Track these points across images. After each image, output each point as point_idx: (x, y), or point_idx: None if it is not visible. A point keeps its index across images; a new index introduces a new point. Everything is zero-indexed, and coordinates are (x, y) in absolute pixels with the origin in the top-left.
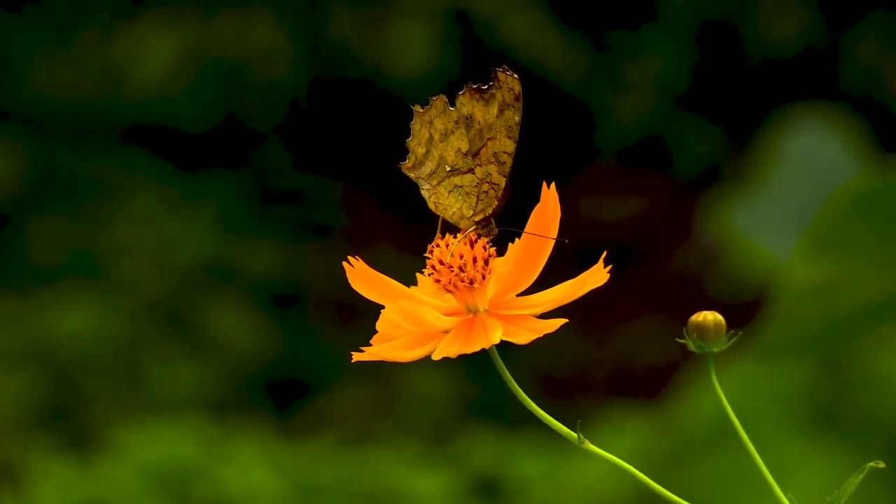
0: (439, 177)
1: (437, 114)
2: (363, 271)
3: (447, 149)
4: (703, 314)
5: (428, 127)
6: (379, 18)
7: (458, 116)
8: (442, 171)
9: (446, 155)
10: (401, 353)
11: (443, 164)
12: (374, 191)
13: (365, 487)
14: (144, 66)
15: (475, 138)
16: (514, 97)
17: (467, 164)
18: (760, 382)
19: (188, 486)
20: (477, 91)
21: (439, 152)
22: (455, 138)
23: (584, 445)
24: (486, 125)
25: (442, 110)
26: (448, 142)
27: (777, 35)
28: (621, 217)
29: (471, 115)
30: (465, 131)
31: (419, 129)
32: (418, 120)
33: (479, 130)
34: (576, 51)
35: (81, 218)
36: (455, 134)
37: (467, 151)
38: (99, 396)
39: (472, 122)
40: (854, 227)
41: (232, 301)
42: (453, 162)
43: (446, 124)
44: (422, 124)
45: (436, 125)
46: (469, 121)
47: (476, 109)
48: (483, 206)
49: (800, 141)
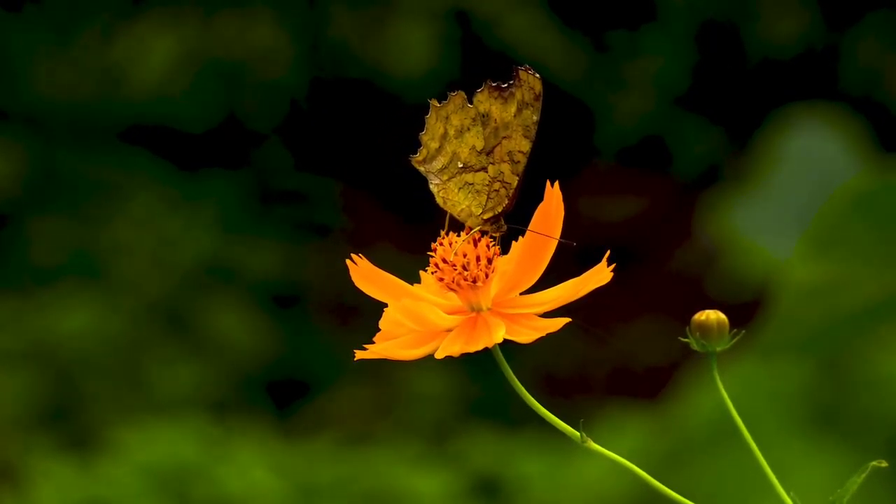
0: (450, 173)
1: (455, 109)
2: (366, 269)
3: (461, 145)
4: (706, 313)
5: (444, 122)
6: (379, 18)
7: (476, 114)
8: (454, 167)
9: (460, 151)
10: (404, 351)
11: (455, 160)
12: (374, 191)
13: (365, 487)
14: (144, 66)
15: (490, 136)
16: (534, 96)
17: (480, 161)
18: (761, 382)
19: (188, 486)
20: (496, 89)
21: (453, 148)
22: (471, 135)
23: (587, 444)
24: (502, 123)
25: (460, 106)
26: (463, 138)
27: (777, 35)
28: (621, 217)
29: (488, 112)
30: (482, 129)
31: (434, 124)
32: (434, 114)
33: (494, 129)
34: (576, 51)
35: (81, 218)
36: (471, 131)
37: (482, 149)
38: (99, 396)
39: (489, 119)
40: (854, 227)
41: (232, 301)
42: (466, 159)
43: (463, 121)
44: (437, 119)
45: (452, 121)
46: (486, 118)
47: (493, 107)
48: (493, 205)
49: (800, 141)
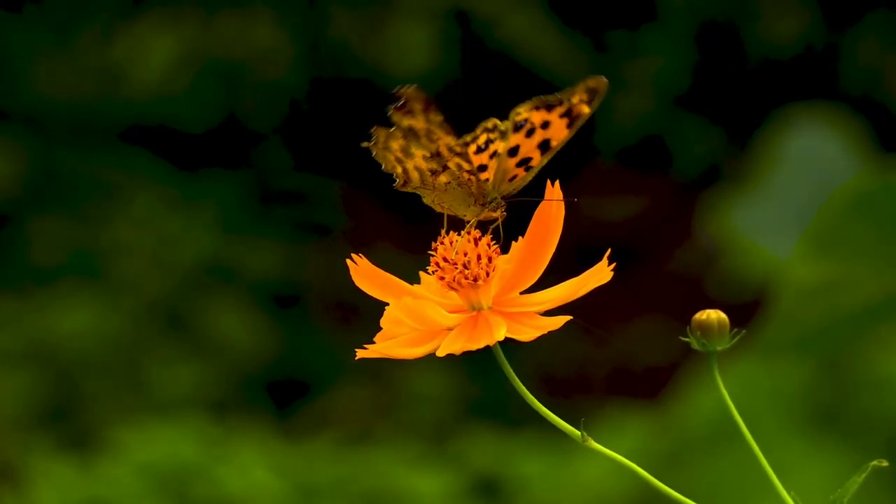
0: (429, 183)
1: (386, 138)
2: (367, 268)
3: (416, 160)
4: (707, 312)
5: (387, 151)
6: (379, 18)
7: (402, 131)
8: (427, 177)
9: (419, 164)
10: (404, 350)
11: (423, 172)
12: (374, 191)
13: (365, 487)
14: (144, 66)
15: (426, 142)
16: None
17: (439, 162)
18: (761, 382)
19: (188, 486)
20: (396, 109)
21: (413, 165)
22: (414, 149)
23: (587, 443)
24: (423, 131)
25: (387, 134)
26: (411, 154)
27: (777, 35)
28: (621, 217)
29: (410, 126)
30: (416, 140)
31: (382, 156)
32: (376, 151)
33: (425, 134)
34: (576, 51)
35: (81, 218)
36: (412, 145)
37: (430, 154)
38: (99, 396)
39: (414, 131)
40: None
41: (232, 301)
42: (427, 167)
43: (398, 141)
44: (381, 151)
45: (391, 147)
46: (411, 131)
47: (405, 121)
48: (477, 190)
49: (800, 141)
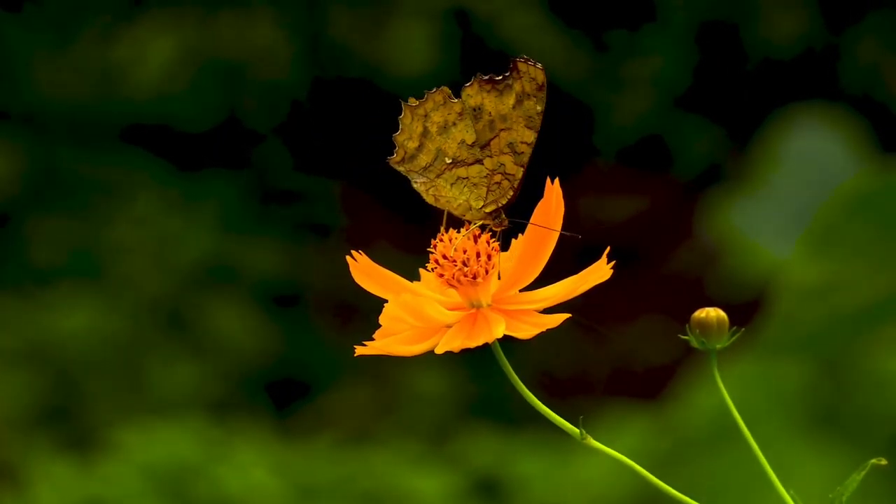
0: (438, 170)
1: (435, 107)
2: (366, 266)
3: (447, 141)
4: (706, 311)
5: (423, 120)
6: (379, 18)
7: (463, 108)
8: (441, 163)
9: (446, 147)
10: (403, 347)
11: (441, 156)
12: (374, 191)
13: (365, 487)
14: (144, 66)
15: (484, 129)
16: (537, 87)
17: (474, 154)
18: (760, 382)
19: (188, 486)
20: (489, 82)
21: (437, 145)
22: (458, 130)
23: (587, 441)
24: (498, 116)
25: (441, 103)
26: (449, 134)
27: (777, 35)
28: (621, 217)
29: (479, 105)
30: (472, 122)
31: (410, 123)
32: (409, 113)
33: (489, 121)
34: (576, 51)
35: (81, 218)
36: (458, 126)
37: (473, 143)
38: (99, 396)
39: (482, 112)
40: (854, 227)
41: (232, 301)
42: (455, 153)
43: (446, 116)
44: (413, 118)
45: (433, 118)
46: (477, 112)
47: (486, 100)
48: (495, 197)
49: (800, 141)
